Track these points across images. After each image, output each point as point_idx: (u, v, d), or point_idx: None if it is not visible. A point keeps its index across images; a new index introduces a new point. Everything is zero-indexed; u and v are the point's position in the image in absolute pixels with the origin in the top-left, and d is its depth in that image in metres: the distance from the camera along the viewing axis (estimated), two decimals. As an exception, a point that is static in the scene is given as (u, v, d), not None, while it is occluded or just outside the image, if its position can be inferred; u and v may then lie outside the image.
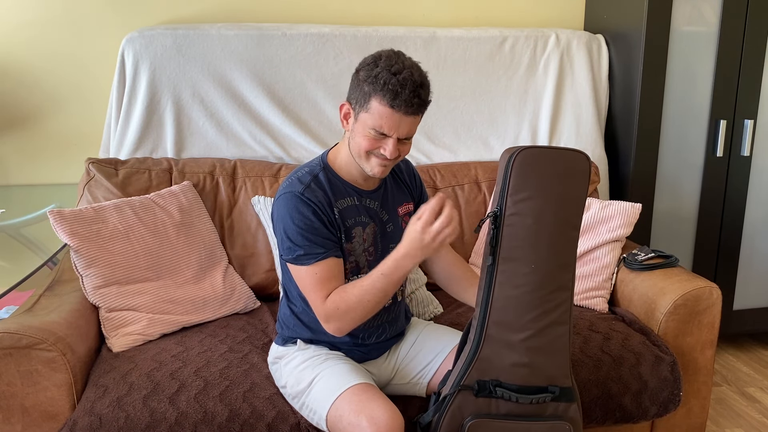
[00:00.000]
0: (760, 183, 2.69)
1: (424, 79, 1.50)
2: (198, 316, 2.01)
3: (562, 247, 1.48)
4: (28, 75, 2.47)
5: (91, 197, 2.15)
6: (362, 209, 1.63)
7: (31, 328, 1.63)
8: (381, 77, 1.47)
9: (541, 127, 2.66)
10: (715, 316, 2.01)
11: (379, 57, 1.51)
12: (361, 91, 1.51)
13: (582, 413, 1.82)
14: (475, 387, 1.51)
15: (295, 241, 1.53)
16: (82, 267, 1.89)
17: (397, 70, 1.47)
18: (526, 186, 1.44)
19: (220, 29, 2.43)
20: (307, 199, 1.54)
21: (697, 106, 2.58)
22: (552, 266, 1.47)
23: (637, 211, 2.24)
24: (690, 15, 2.49)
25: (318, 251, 1.53)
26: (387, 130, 1.49)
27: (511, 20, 2.83)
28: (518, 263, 1.47)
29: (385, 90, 1.46)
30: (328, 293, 1.53)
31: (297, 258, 1.54)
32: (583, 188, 1.47)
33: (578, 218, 1.49)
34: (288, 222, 1.54)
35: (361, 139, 1.53)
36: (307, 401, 1.59)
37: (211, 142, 2.44)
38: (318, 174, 1.60)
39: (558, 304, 1.49)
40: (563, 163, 1.46)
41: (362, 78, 1.51)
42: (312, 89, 2.51)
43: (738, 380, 2.70)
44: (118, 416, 1.59)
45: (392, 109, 1.47)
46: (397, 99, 1.46)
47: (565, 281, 1.49)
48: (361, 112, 1.51)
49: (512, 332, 1.49)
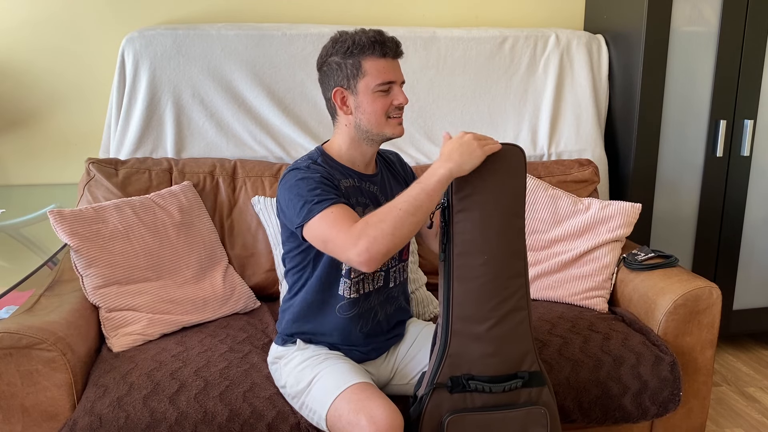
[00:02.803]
0: (760, 183, 2.69)
1: None
2: (198, 316, 2.01)
3: (511, 236, 1.54)
4: (28, 75, 2.48)
5: (91, 197, 2.15)
6: (363, 191, 1.65)
7: (31, 328, 1.63)
8: (357, 42, 1.55)
9: (541, 127, 2.66)
10: (715, 316, 2.01)
11: (333, 40, 1.59)
12: (346, 67, 1.57)
13: (579, 411, 1.82)
14: (449, 383, 1.53)
15: (307, 196, 1.51)
16: (82, 267, 1.89)
17: (360, 31, 1.57)
18: (467, 183, 1.51)
19: (220, 29, 2.43)
20: (313, 170, 1.57)
21: (697, 106, 2.59)
22: (504, 255, 1.53)
23: (637, 211, 2.24)
24: (690, 15, 2.49)
25: (331, 197, 1.51)
26: (393, 77, 1.57)
27: (511, 20, 2.83)
28: (471, 256, 1.52)
29: (370, 46, 1.55)
30: (352, 224, 1.46)
31: (312, 209, 1.48)
32: (521, 179, 1.55)
33: (521, 208, 1.56)
34: (298, 186, 1.54)
35: (373, 105, 1.57)
36: (306, 401, 1.59)
37: (211, 142, 2.44)
38: (317, 159, 1.63)
39: (514, 291, 1.54)
40: (497, 155, 1.51)
41: (339, 59, 1.57)
42: (312, 89, 2.51)
43: (738, 380, 2.70)
44: (118, 416, 1.59)
45: (385, 58, 1.56)
46: (384, 47, 1.56)
47: (518, 268, 1.55)
48: (359, 82, 1.56)
49: (476, 324, 1.53)
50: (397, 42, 1.59)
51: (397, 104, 1.59)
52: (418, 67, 2.57)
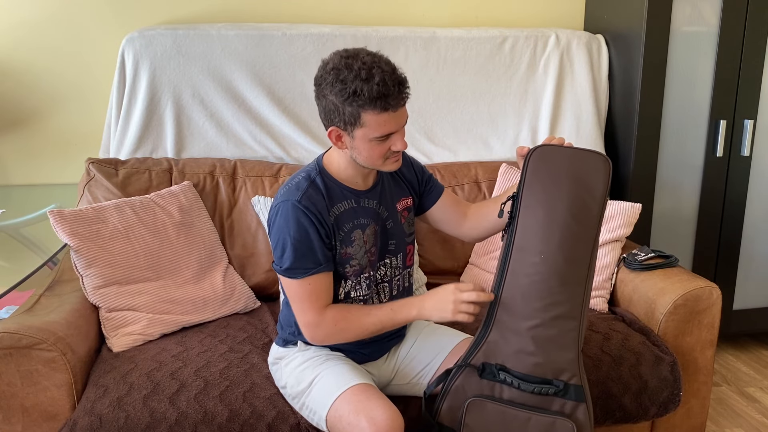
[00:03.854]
0: (760, 183, 2.69)
1: (391, 65, 1.46)
2: (198, 316, 2.01)
3: (573, 243, 1.50)
4: (28, 75, 2.48)
5: (91, 197, 2.15)
6: (360, 211, 1.61)
7: (31, 328, 1.63)
8: (358, 92, 1.42)
9: (541, 127, 2.66)
10: (715, 316, 2.01)
11: (336, 70, 1.45)
12: (344, 112, 1.46)
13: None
14: (480, 367, 1.53)
15: (287, 253, 1.52)
16: (82, 267, 1.89)
17: (366, 75, 1.42)
18: (538, 180, 1.50)
19: (220, 29, 2.43)
20: (304, 207, 1.51)
21: (697, 106, 2.58)
22: (561, 259, 1.49)
23: (637, 211, 2.24)
24: (690, 15, 2.49)
25: (309, 266, 1.52)
26: (394, 128, 1.49)
27: (511, 20, 2.83)
28: (528, 253, 1.50)
29: (371, 102, 1.43)
30: (322, 306, 1.55)
31: (286, 270, 1.53)
32: (600, 189, 1.51)
33: (595, 218, 1.51)
34: (284, 232, 1.52)
35: (370, 152, 1.51)
36: (307, 402, 1.59)
37: (211, 142, 2.44)
38: (315, 179, 1.58)
39: (568, 297, 1.50)
40: (579, 162, 1.50)
41: (337, 101, 1.46)
42: (312, 89, 2.49)
43: (738, 380, 2.70)
44: (118, 416, 1.59)
45: (387, 112, 1.45)
46: (387, 101, 1.44)
47: (577, 276, 1.51)
48: (356, 130, 1.48)
49: (519, 319, 1.51)
50: (403, 90, 1.47)
51: (395, 150, 1.52)
52: (418, 67, 2.56)
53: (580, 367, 1.53)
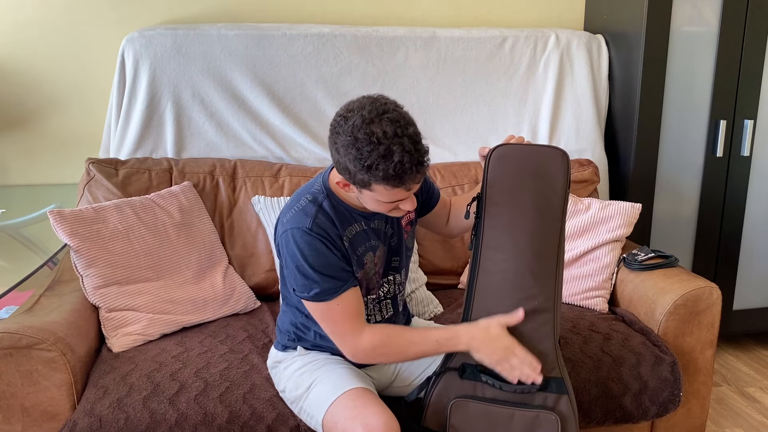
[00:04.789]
0: (760, 183, 2.69)
1: (414, 138, 1.34)
2: (198, 316, 2.01)
3: (541, 237, 1.53)
4: (28, 75, 2.47)
5: (91, 197, 2.15)
6: (371, 233, 1.56)
7: (31, 328, 1.63)
8: (374, 168, 1.32)
9: (541, 127, 2.66)
10: (715, 316, 2.01)
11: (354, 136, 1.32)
12: (355, 176, 1.37)
13: (579, 411, 1.82)
14: (460, 368, 1.53)
15: (311, 279, 1.46)
16: (82, 267, 1.89)
17: (385, 151, 1.31)
18: (500, 180, 1.52)
19: (220, 29, 2.43)
20: (316, 234, 1.46)
21: (697, 106, 2.58)
22: (529, 254, 1.52)
23: (637, 211, 2.24)
24: (690, 15, 2.49)
25: (337, 285, 1.46)
26: (403, 197, 1.42)
27: (511, 20, 2.83)
28: (497, 250, 1.53)
29: (386, 180, 1.34)
30: (359, 325, 1.49)
31: (314, 296, 1.47)
32: (560, 181, 1.53)
33: (558, 211, 1.54)
34: (300, 260, 1.46)
35: (376, 206, 1.45)
36: (304, 406, 1.58)
37: (211, 142, 2.44)
38: (322, 203, 1.50)
39: (540, 291, 1.53)
40: (537, 158, 1.53)
41: (350, 166, 1.35)
42: (312, 89, 2.51)
43: (738, 380, 2.70)
44: (118, 417, 1.59)
45: (401, 187, 1.37)
46: (403, 180, 1.34)
47: (547, 270, 1.53)
48: (365, 190, 1.40)
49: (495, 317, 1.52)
50: (422, 169, 1.36)
51: (403, 208, 1.46)
52: (418, 67, 2.57)
53: (559, 359, 1.54)
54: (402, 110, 1.37)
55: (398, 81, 2.56)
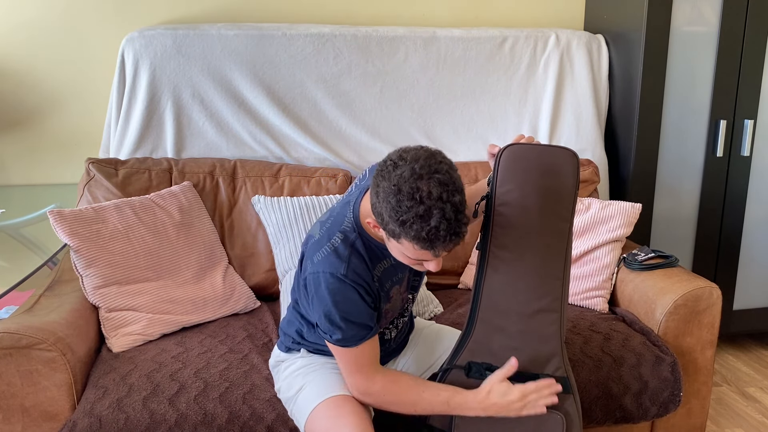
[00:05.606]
0: (760, 183, 2.69)
1: (457, 207, 1.28)
2: (198, 316, 2.01)
3: (550, 237, 1.52)
4: (28, 75, 2.47)
5: (91, 197, 2.15)
6: (398, 267, 1.54)
7: (31, 328, 1.63)
8: (408, 225, 1.27)
9: (541, 127, 2.65)
10: (715, 316, 2.01)
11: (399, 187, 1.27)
12: (388, 225, 1.31)
13: (582, 412, 1.82)
14: (466, 367, 1.53)
15: (336, 325, 1.43)
16: (82, 267, 1.89)
17: (424, 212, 1.25)
18: (510, 179, 1.52)
19: (220, 29, 2.43)
20: (351, 282, 1.42)
21: (697, 106, 2.58)
22: (540, 254, 1.52)
23: (637, 211, 2.24)
24: (690, 15, 2.49)
25: (360, 334, 1.45)
26: (429, 259, 1.37)
27: (511, 20, 2.83)
28: (506, 249, 1.52)
29: (418, 240, 1.28)
30: (372, 370, 1.49)
31: (338, 341, 1.46)
32: (569, 182, 1.53)
33: (566, 211, 1.54)
34: (330, 307, 1.42)
35: (401, 257, 1.40)
36: (293, 408, 1.59)
37: (211, 142, 2.44)
38: (354, 242, 1.45)
39: (548, 291, 1.53)
40: (548, 158, 1.52)
41: (385, 214, 1.30)
42: (312, 89, 2.51)
43: (738, 380, 2.70)
44: (117, 418, 1.59)
45: (430, 251, 1.32)
46: (433, 245, 1.29)
47: (555, 270, 1.53)
48: (393, 240, 1.35)
49: (502, 317, 1.53)
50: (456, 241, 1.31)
51: (427, 267, 1.41)
52: (418, 67, 2.56)
53: (564, 359, 1.55)
54: (455, 174, 1.31)
55: (398, 81, 2.56)
